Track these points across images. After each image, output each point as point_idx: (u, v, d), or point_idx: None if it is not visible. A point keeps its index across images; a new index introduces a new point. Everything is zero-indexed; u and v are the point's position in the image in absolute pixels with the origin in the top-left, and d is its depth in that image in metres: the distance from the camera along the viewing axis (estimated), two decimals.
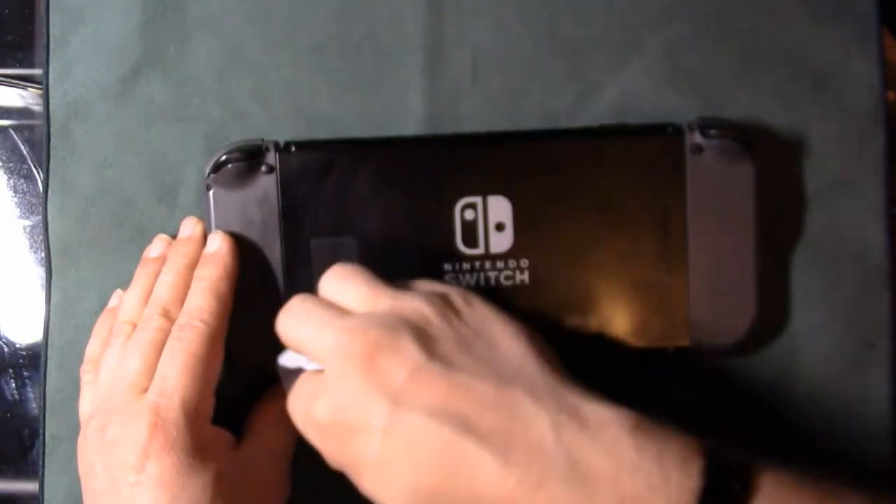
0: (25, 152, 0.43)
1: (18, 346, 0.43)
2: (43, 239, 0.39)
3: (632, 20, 0.38)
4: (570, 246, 0.36)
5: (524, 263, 0.36)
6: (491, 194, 0.36)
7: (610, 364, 0.38)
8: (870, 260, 0.38)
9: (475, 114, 0.38)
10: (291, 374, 0.32)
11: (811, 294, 0.38)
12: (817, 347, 0.38)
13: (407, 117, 0.39)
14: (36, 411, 0.43)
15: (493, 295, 0.36)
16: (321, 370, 0.30)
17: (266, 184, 0.36)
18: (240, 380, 0.37)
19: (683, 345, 0.36)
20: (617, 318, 0.36)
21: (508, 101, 0.38)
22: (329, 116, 0.39)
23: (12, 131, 0.43)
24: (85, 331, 0.38)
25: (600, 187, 0.36)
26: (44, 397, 0.39)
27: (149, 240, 0.38)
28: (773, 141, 0.38)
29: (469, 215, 0.36)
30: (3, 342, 0.43)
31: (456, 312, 0.30)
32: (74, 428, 0.38)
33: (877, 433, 0.38)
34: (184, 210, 0.38)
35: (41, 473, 0.39)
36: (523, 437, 0.25)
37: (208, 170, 0.36)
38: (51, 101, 0.39)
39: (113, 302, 0.38)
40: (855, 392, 0.38)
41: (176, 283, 0.35)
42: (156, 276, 0.36)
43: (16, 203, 0.43)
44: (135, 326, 0.35)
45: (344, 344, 0.28)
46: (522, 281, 0.36)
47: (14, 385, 0.43)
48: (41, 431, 0.39)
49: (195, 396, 0.32)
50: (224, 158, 0.36)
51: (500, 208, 0.36)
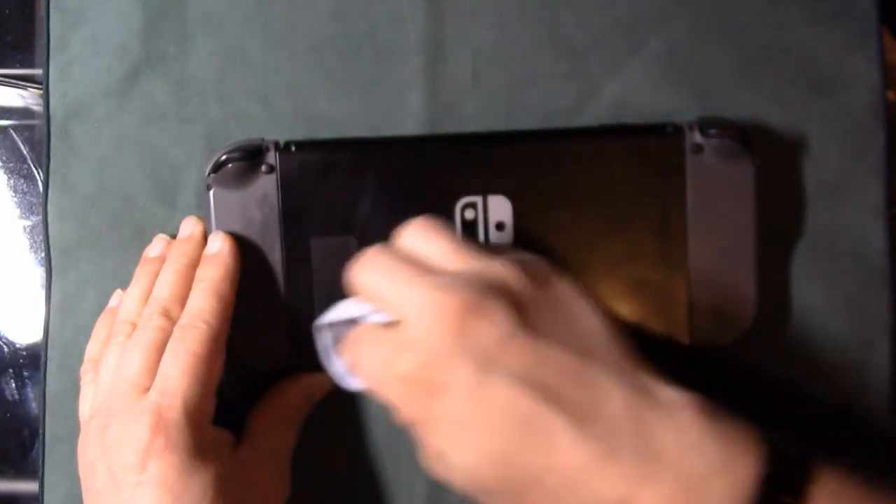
0: (25, 152, 0.43)
1: (18, 346, 0.43)
2: (43, 239, 0.39)
3: (632, 20, 0.38)
4: (570, 245, 0.36)
5: None
6: (491, 194, 0.36)
7: None
8: (870, 260, 0.38)
9: (475, 114, 0.38)
10: (341, 327, 0.32)
11: (811, 294, 0.38)
12: (817, 347, 0.38)
13: (407, 117, 0.39)
14: (36, 411, 0.43)
15: None
16: (393, 323, 0.30)
17: (266, 184, 0.36)
18: (240, 380, 0.38)
19: (683, 344, 0.36)
20: (617, 317, 0.36)
21: (508, 101, 0.38)
22: (329, 116, 0.39)
23: (12, 131, 0.43)
24: (85, 331, 0.38)
25: (600, 187, 0.36)
26: (44, 397, 0.39)
27: (149, 240, 0.38)
28: (773, 141, 0.38)
29: (469, 215, 0.36)
30: (3, 342, 0.43)
31: (542, 282, 0.30)
32: (74, 428, 0.38)
33: (877, 433, 0.38)
34: (184, 210, 0.38)
35: (41, 473, 0.39)
36: (599, 411, 0.26)
37: (208, 170, 0.36)
38: (51, 101, 0.39)
39: (113, 302, 0.38)
40: (855, 392, 0.38)
41: (176, 283, 0.35)
42: (155, 276, 0.36)
43: (16, 203, 0.43)
44: (135, 326, 0.35)
45: (435, 302, 0.28)
46: None
47: (14, 385, 0.43)
48: (41, 431, 0.39)
49: (197, 397, 0.32)
50: (224, 158, 0.36)
51: (500, 208, 0.36)
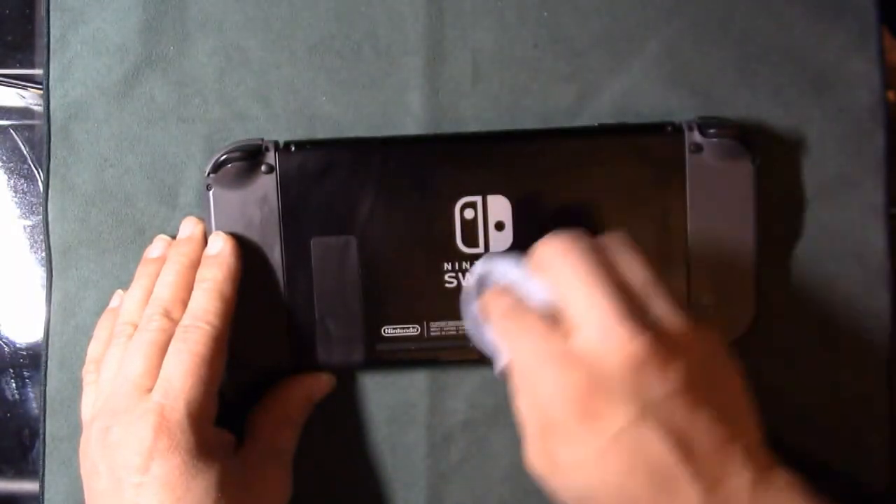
0: (25, 152, 0.43)
1: (18, 346, 0.43)
2: (43, 239, 0.39)
3: (632, 20, 0.38)
4: None
5: None
6: (490, 193, 0.36)
7: None
8: (870, 260, 0.38)
9: (475, 114, 0.38)
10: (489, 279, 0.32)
11: (811, 294, 0.38)
12: (816, 346, 0.38)
13: (407, 117, 0.39)
14: (36, 411, 0.43)
15: None
16: (553, 309, 0.29)
17: (266, 183, 0.36)
18: (241, 380, 0.38)
19: None
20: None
21: (508, 101, 0.38)
22: (329, 116, 0.39)
23: (12, 131, 0.43)
24: (85, 331, 0.38)
25: (599, 186, 0.36)
26: (44, 397, 0.39)
27: (149, 240, 0.38)
28: (773, 141, 0.38)
29: (469, 214, 0.36)
30: (4, 342, 0.43)
31: (711, 348, 0.29)
32: (75, 428, 0.38)
33: (877, 434, 0.38)
34: (184, 210, 0.38)
35: (41, 473, 0.39)
36: (727, 484, 0.27)
37: (208, 170, 0.36)
38: (51, 101, 0.39)
39: (114, 302, 0.38)
40: (854, 391, 0.38)
41: (176, 284, 0.35)
42: (156, 277, 0.36)
43: (16, 203, 0.43)
44: (136, 327, 0.35)
45: (625, 332, 0.28)
46: None
47: (14, 385, 0.43)
48: (41, 431, 0.39)
49: (200, 398, 0.32)
50: (224, 158, 0.36)
51: (500, 207, 0.36)
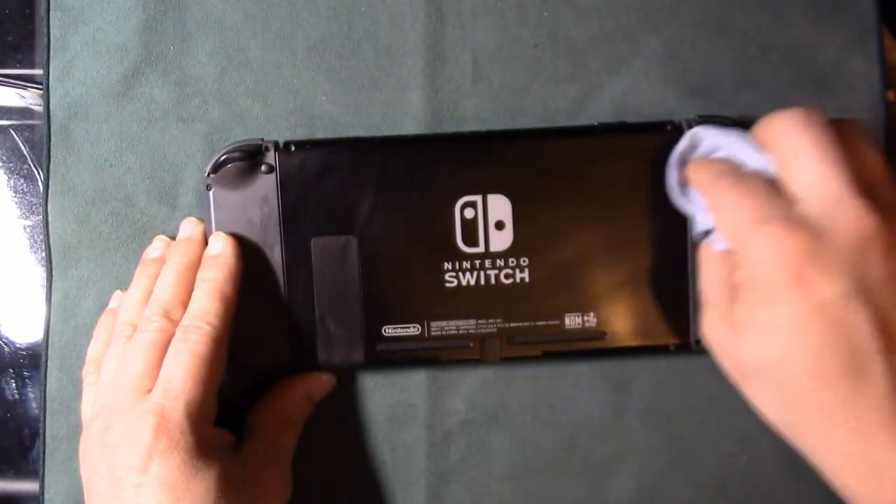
0: (25, 152, 0.43)
1: (18, 346, 0.43)
2: (43, 239, 0.39)
3: (632, 20, 0.38)
4: (570, 244, 0.36)
5: (524, 262, 0.36)
6: (490, 193, 0.36)
7: (610, 362, 0.38)
8: None
9: (475, 113, 0.38)
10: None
11: None
12: None
13: (407, 117, 0.39)
14: (36, 411, 0.43)
15: (493, 293, 0.36)
16: (779, 181, 0.31)
17: (266, 183, 0.36)
18: (240, 380, 0.37)
19: (684, 343, 0.36)
20: (617, 316, 0.36)
21: (508, 101, 0.38)
22: (329, 116, 0.39)
23: (12, 131, 0.43)
24: (85, 331, 0.38)
25: (600, 185, 0.36)
26: (44, 397, 0.39)
27: (149, 240, 0.38)
28: None
29: (469, 214, 0.36)
30: (3, 342, 0.43)
31: None
32: (74, 428, 0.38)
33: None
34: (184, 210, 0.38)
35: (41, 473, 0.39)
36: None
37: (208, 170, 0.36)
38: (51, 101, 0.39)
39: (113, 303, 0.38)
40: None
41: (176, 284, 0.35)
42: (156, 277, 0.36)
43: (16, 203, 0.43)
44: (135, 327, 0.35)
45: (865, 219, 0.29)
46: (522, 279, 0.36)
47: (14, 385, 0.43)
48: (41, 431, 0.39)
49: (199, 398, 0.32)
50: (224, 158, 0.36)
51: (500, 207, 0.36)
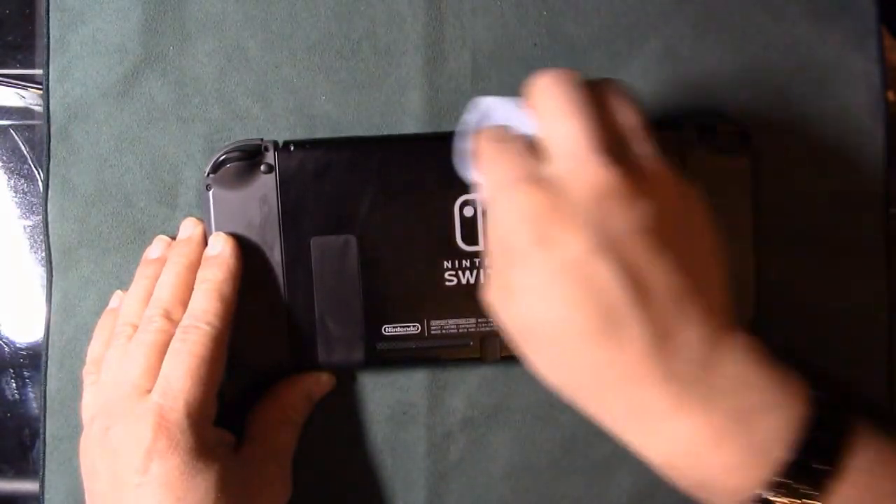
0: (25, 152, 0.43)
1: (18, 346, 0.43)
2: (43, 239, 0.39)
3: (632, 20, 0.38)
4: None
5: None
6: None
7: None
8: (870, 259, 0.38)
9: None
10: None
11: (811, 294, 0.38)
12: (816, 346, 0.38)
13: (407, 116, 0.39)
14: (36, 411, 0.43)
15: None
16: (535, 141, 0.29)
17: (266, 183, 0.36)
18: (240, 380, 0.37)
19: None
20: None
21: None
22: (329, 116, 0.39)
23: (12, 131, 0.43)
24: (85, 331, 0.38)
25: None
26: (44, 397, 0.39)
27: (149, 240, 0.38)
28: (773, 140, 0.38)
29: (468, 212, 0.36)
30: (4, 342, 0.43)
31: (688, 200, 0.29)
32: (75, 428, 0.38)
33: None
34: (184, 210, 0.39)
35: (41, 473, 0.39)
36: (678, 334, 0.27)
37: (208, 170, 0.36)
38: (51, 101, 0.39)
39: (113, 303, 0.38)
40: (854, 391, 0.38)
41: (176, 284, 0.35)
42: (156, 278, 0.36)
43: (16, 203, 0.43)
44: (136, 328, 0.35)
45: (597, 166, 0.27)
46: None
47: (14, 385, 0.43)
48: (41, 431, 0.39)
49: (199, 398, 0.32)
50: (224, 158, 0.36)
51: None
